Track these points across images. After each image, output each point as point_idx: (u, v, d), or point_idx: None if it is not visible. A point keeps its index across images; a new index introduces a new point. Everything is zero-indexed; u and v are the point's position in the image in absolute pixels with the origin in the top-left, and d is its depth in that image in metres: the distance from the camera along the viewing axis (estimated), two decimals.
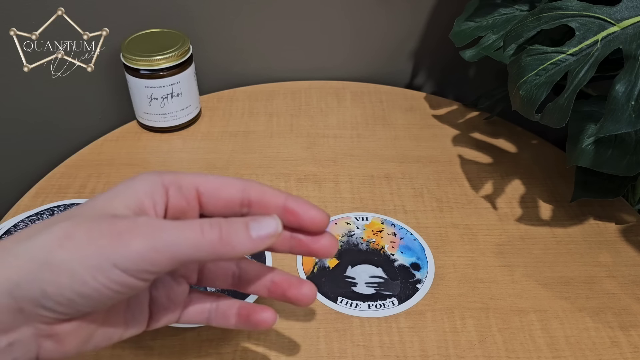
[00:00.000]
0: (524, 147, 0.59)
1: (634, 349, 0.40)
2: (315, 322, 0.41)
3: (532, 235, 0.48)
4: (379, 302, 0.42)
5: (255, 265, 0.32)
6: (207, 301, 0.32)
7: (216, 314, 0.32)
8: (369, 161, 0.56)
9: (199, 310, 0.32)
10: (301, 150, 0.57)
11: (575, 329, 0.41)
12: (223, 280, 0.32)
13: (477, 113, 0.63)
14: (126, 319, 0.29)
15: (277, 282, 0.31)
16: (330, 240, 0.30)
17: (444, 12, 0.64)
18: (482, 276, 0.45)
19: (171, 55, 0.54)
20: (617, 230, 0.49)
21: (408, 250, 0.47)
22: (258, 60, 0.67)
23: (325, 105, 0.64)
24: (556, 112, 0.40)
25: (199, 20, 0.62)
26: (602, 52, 0.39)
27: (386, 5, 0.64)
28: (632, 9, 0.40)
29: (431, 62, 0.69)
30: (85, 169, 0.54)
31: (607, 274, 0.45)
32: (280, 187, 0.52)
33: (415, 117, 0.62)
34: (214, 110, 0.63)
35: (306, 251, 0.30)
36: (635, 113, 0.37)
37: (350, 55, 0.68)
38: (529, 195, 0.52)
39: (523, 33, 0.44)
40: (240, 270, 0.32)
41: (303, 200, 0.30)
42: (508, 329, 0.41)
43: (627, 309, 0.43)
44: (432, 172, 0.55)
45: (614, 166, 0.44)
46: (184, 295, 0.31)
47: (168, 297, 0.31)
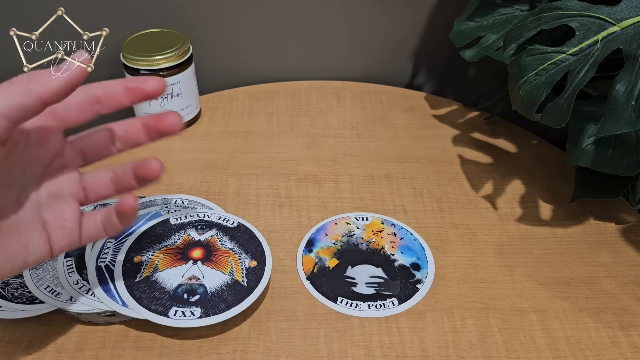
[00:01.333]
0: (524, 147, 0.59)
1: (634, 349, 0.40)
2: (315, 322, 0.41)
3: (532, 235, 0.48)
4: (379, 302, 0.42)
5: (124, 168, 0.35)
6: (97, 216, 0.35)
7: (105, 219, 0.35)
8: (369, 161, 0.56)
9: (94, 224, 0.34)
10: (301, 150, 0.57)
11: (575, 329, 0.41)
12: (105, 188, 0.35)
13: (477, 113, 0.63)
14: (23, 241, 0.31)
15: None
16: (175, 117, 0.34)
17: (444, 12, 0.64)
18: (482, 276, 0.45)
19: (171, 55, 0.54)
20: (617, 230, 0.49)
21: (408, 250, 0.47)
22: (258, 60, 0.67)
23: (325, 105, 0.64)
24: (556, 112, 0.40)
25: (199, 20, 0.62)
26: (602, 52, 0.39)
27: (386, 5, 0.64)
28: (632, 9, 0.40)
29: (431, 62, 0.69)
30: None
31: (607, 274, 0.45)
32: (280, 187, 0.52)
33: (415, 117, 0.62)
34: (214, 110, 0.63)
35: (156, 133, 0.34)
36: (635, 113, 0.37)
37: (350, 55, 0.68)
38: (529, 195, 0.52)
39: (523, 33, 0.44)
40: (114, 174, 0.35)
41: (139, 77, 0.33)
42: (508, 329, 0.41)
43: (628, 309, 0.43)
44: (432, 172, 0.55)
45: (614, 166, 0.44)
46: (76, 214, 0.34)
47: (61, 217, 0.33)
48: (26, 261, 0.31)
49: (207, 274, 0.41)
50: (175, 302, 0.39)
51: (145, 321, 0.38)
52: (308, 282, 0.44)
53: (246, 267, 0.42)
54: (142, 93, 0.33)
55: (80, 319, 0.40)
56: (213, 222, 0.46)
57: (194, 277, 0.41)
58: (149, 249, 0.43)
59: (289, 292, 0.43)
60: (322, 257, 0.46)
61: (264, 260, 0.43)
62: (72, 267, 0.41)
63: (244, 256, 0.43)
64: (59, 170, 0.34)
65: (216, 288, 0.40)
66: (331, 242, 0.47)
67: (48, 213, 0.33)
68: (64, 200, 0.34)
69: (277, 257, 0.45)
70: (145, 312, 0.38)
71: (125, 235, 0.44)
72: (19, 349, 0.39)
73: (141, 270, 0.41)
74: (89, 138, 0.35)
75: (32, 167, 0.32)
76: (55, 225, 0.33)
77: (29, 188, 0.32)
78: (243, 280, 0.41)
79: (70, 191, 0.34)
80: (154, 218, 0.46)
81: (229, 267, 0.42)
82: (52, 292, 0.39)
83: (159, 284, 0.40)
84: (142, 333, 0.40)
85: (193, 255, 0.43)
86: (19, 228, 0.31)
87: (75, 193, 0.34)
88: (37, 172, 0.33)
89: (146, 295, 0.39)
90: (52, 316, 0.40)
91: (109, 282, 0.40)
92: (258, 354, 0.39)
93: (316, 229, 0.48)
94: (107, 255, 0.42)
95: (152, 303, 0.39)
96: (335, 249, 0.46)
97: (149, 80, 0.33)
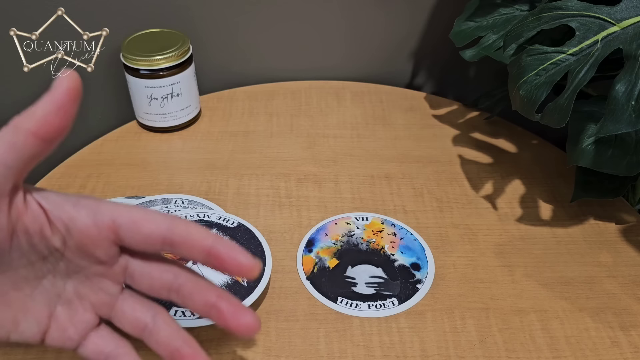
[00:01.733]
0: (524, 147, 0.59)
1: (634, 349, 0.40)
2: (315, 322, 0.41)
3: (532, 235, 0.48)
4: (379, 302, 0.42)
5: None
6: (109, 345, 0.31)
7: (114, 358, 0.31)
8: (369, 161, 0.56)
9: (97, 349, 0.31)
10: (301, 150, 0.57)
11: (575, 329, 0.41)
12: (133, 327, 0.31)
13: (477, 113, 0.63)
14: (15, 318, 0.29)
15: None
16: (253, 320, 0.29)
17: (444, 12, 0.64)
18: (482, 276, 0.45)
19: (171, 55, 0.54)
20: (618, 230, 0.49)
21: (408, 250, 0.47)
22: (258, 60, 0.67)
23: (325, 105, 0.64)
24: (556, 112, 0.40)
25: (199, 20, 0.62)
26: (603, 52, 0.39)
27: (386, 5, 0.64)
28: (632, 8, 0.40)
29: (431, 62, 0.69)
30: (85, 169, 0.54)
31: (607, 274, 0.45)
32: (280, 187, 0.52)
33: (415, 117, 0.62)
34: (214, 110, 0.63)
35: (223, 324, 0.29)
36: (635, 113, 0.37)
37: (350, 55, 0.68)
38: (529, 195, 0.52)
39: (523, 33, 0.44)
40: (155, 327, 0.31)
41: (231, 244, 0.28)
42: (508, 329, 0.41)
43: (628, 309, 0.43)
44: (432, 172, 0.55)
45: (614, 166, 0.44)
46: (87, 325, 0.31)
47: (71, 320, 0.30)
48: (8, 337, 0.29)
49: (207, 274, 0.41)
50: None
51: None
52: (308, 282, 0.44)
53: None
54: (222, 267, 0.28)
55: None
56: (213, 222, 0.46)
57: None
58: None
59: (289, 292, 0.43)
60: (322, 257, 0.46)
61: (264, 260, 0.43)
62: None
63: None
64: (96, 276, 0.30)
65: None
66: (331, 242, 0.47)
67: (62, 309, 0.30)
68: (84, 306, 0.31)
69: (277, 257, 0.45)
70: None
71: None
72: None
73: None
74: (148, 270, 0.30)
75: (67, 263, 0.30)
76: (60, 323, 0.30)
77: (58, 276, 0.30)
78: (243, 280, 0.41)
79: (96, 302, 0.31)
80: None
81: None
82: None
83: None
84: None
85: None
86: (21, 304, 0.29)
87: (100, 306, 0.31)
88: (72, 269, 0.30)
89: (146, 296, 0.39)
90: None
91: None
92: (258, 354, 0.39)
93: (316, 229, 0.48)
94: None
95: None
96: (335, 249, 0.46)
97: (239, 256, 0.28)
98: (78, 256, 0.29)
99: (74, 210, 0.28)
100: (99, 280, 0.31)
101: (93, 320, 0.31)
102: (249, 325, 0.29)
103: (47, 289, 0.30)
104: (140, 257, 0.31)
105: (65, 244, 0.29)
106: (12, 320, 0.29)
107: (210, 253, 0.28)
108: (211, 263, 0.28)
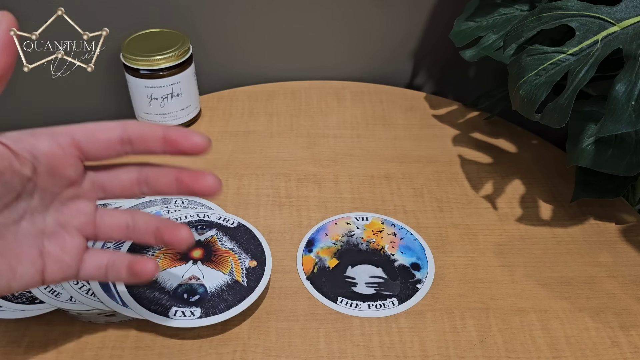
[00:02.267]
0: (524, 147, 0.59)
1: (634, 349, 0.40)
2: (315, 322, 0.41)
3: (532, 235, 0.48)
4: (379, 302, 0.42)
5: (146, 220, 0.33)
6: (104, 258, 0.33)
7: (111, 269, 0.33)
8: (369, 161, 0.56)
9: (96, 266, 0.33)
10: (301, 150, 0.57)
11: (575, 329, 0.41)
12: (119, 232, 0.34)
13: (477, 113, 0.63)
14: (11, 265, 0.30)
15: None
16: (213, 180, 0.32)
17: (444, 12, 0.64)
18: (482, 276, 0.45)
19: (171, 55, 0.54)
20: (617, 230, 0.49)
21: (408, 250, 0.47)
22: (258, 60, 0.67)
23: (325, 105, 0.64)
24: (556, 112, 0.40)
25: (199, 20, 0.62)
26: (602, 52, 0.39)
27: (386, 5, 0.64)
28: (632, 8, 0.40)
29: (431, 62, 0.69)
30: None
31: (607, 274, 0.45)
32: (280, 187, 0.52)
33: (415, 117, 0.62)
34: (214, 110, 0.63)
35: (189, 191, 0.32)
36: (635, 113, 0.37)
37: (350, 55, 0.68)
38: (529, 195, 0.52)
39: (523, 33, 0.44)
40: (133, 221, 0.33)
41: (181, 129, 0.31)
42: (508, 329, 0.41)
43: (628, 309, 0.43)
44: (432, 172, 0.55)
45: (614, 166, 0.44)
46: (79, 249, 0.32)
47: (61, 249, 0.32)
48: (10, 286, 0.30)
49: (207, 274, 0.41)
50: (175, 302, 0.39)
51: (145, 321, 0.38)
52: (308, 282, 0.44)
53: (246, 267, 0.42)
54: (179, 148, 0.31)
55: (80, 319, 0.40)
56: (213, 222, 0.46)
57: (194, 277, 0.41)
58: (149, 249, 0.43)
59: (289, 292, 0.43)
60: (322, 257, 0.46)
61: (264, 260, 0.43)
62: None
63: (244, 256, 0.43)
64: (71, 200, 0.32)
65: (216, 288, 0.40)
66: (331, 242, 0.47)
67: (50, 242, 0.31)
68: (69, 232, 0.32)
69: (277, 257, 0.45)
70: (145, 312, 0.38)
71: None
72: (19, 349, 0.39)
73: None
74: (114, 175, 0.33)
75: (41, 194, 0.31)
76: (53, 256, 0.31)
77: (35, 214, 0.31)
78: (243, 280, 0.41)
79: (79, 224, 0.32)
80: None
81: (229, 267, 0.42)
82: (52, 292, 0.39)
83: (159, 284, 0.40)
84: (142, 333, 0.40)
85: (193, 255, 0.43)
86: (11, 251, 0.30)
87: (83, 227, 0.33)
88: (47, 200, 0.31)
89: (146, 295, 0.39)
90: (52, 316, 0.40)
91: (109, 282, 0.40)
92: (258, 354, 0.39)
93: (316, 229, 0.48)
94: None
95: (152, 303, 0.39)
96: (335, 249, 0.46)
97: (192, 136, 0.31)
98: (50, 182, 0.31)
99: (33, 139, 0.30)
100: (74, 203, 0.32)
101: (82, 243, 0.33)
102: (210, 185, 0.32)
103: (28, 230, 0.31)
104: (104, 168, 0.33)
105: (35, 171, 0.30)
106: (9, 269, 0.30)
107: (166, 140, 0.31)
108: (169, 149, 0.31)
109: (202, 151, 0.31)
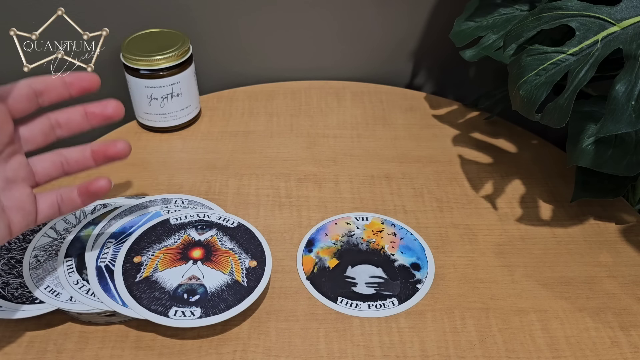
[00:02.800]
0: (524, 147, 0.59)
1: (634, 349, 0.40)
2: (315, 322, 0.41)
3: (532, 235, 0.48)
4: (379, 302, 0.42)
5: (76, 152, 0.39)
6: (53, 196, 0.37)
7: (64, 202, 0.38)
8: (369, 161, 0.56)
9: (49, 205, 0.37)
10: (301, 150, 0.57)
11: (575, 329, 0.41)
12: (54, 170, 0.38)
13: (477, 113, 0.63)
14: None
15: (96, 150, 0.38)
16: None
17: (444, 12, 0.64)
18: (482, 276, 0.45)
19: (171, 55, 0.54)
20: (617, 230, 0.49)
21: (408, 250, 0.47)
22: (258, 60, 0.67)
23: (325, 105, 0.64)
24: (556, 112, 0.40)
25: (199, 20, 0.62)
26: (602, 52, 0.39)
27: (386, 5, 0.64)
28: (632, 8, 0.40)
29: (431, 62, 0.69)
30: None
31: (607, 274, 0.45)
32: (280, 187, 0.52)
33: (415, 117, 0.62)
34: (214, 110, 0.63)
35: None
36: (635, 113, 0.37)
37: (351, 55, 0.68)
38: (529, 195, 0.52)
39: (523, 33, 0.44)
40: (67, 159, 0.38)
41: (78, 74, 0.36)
42: (508, 329, 0.41)
43: (628, 309, 0.43)
44: (432, 172, 0.55)
45: (614, 166, 0.44)
46: (31, 197, 0.36)
47: (19, 200, 0.35)
48: None
49: (207, 274, 0.41)
50: (175, 302, 0.39)
51: (145, 321, 0.38)
52: (308, 282, 0.44)
53: (246, 267, 0.42)
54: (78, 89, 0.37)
55: (80, 319, 0.40)
56: (213, 222, 0.46)
57: (194, 277, 0.41)
58: (149, 249, 0.43)
59: (289, 292, 0.43)
60: (322, 257, 0.46)
61: (264, 260, 0.43)
62: (72, 267, 0.41)
63: (244, 256, 0.43)
64: (11, 156, 0.36)
65: (216, 288, 0.40)
66: (331, 242, 0.47)
67: (6, 198, 0.35)
68: (19, 184, 0.36)
69: (277, 257, 0.45)
70: (145, 312, 0.38)
71: (125, 236, 0.44)
72: (19, 349, 0.39)
73: (141, 270, 0.41)
74: (32, 127, 0.37)
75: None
76: (13, 208, 0.35)
77: None
78: (243, 280, 0.41)
79: (24, 175, 0.36)
80: (154, 218, 0.46)
81: (229, 267, 0.42)
82: (52, 292, 0.40)
83: (159, 284, 0.40)
84: (142, 333, 0.40)
85: (193, 255, 0.43)
86: None
87: (27, 177, 0.36)
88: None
89: (146, 295, 0.39)
90: (52, 316, 0.40)
91: (109, 282, 0.40)
92: (258, 354, 0.39)
93: (316, 229, 0.48)
94: (107, 255, 0.42)
95: (152, 303, 0.39)
96: (335, 249, 0.46)
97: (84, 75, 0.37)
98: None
99: None
100: (13, 159, 0.36)
101: (31, 192, 0.37)
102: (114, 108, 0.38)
103: None
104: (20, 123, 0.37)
105: None
106: None
107: (66, 83, 0.36)
108: (73, 91, 0.36)
109: (95, 87, 0.36)
